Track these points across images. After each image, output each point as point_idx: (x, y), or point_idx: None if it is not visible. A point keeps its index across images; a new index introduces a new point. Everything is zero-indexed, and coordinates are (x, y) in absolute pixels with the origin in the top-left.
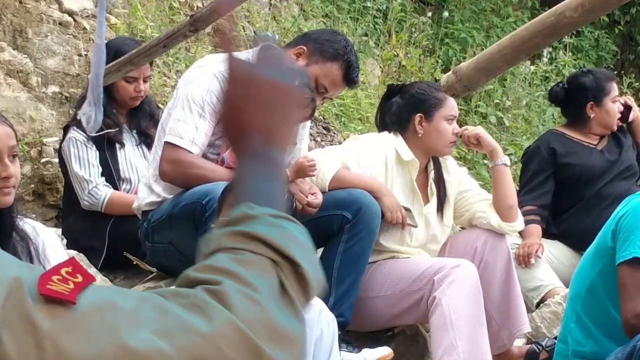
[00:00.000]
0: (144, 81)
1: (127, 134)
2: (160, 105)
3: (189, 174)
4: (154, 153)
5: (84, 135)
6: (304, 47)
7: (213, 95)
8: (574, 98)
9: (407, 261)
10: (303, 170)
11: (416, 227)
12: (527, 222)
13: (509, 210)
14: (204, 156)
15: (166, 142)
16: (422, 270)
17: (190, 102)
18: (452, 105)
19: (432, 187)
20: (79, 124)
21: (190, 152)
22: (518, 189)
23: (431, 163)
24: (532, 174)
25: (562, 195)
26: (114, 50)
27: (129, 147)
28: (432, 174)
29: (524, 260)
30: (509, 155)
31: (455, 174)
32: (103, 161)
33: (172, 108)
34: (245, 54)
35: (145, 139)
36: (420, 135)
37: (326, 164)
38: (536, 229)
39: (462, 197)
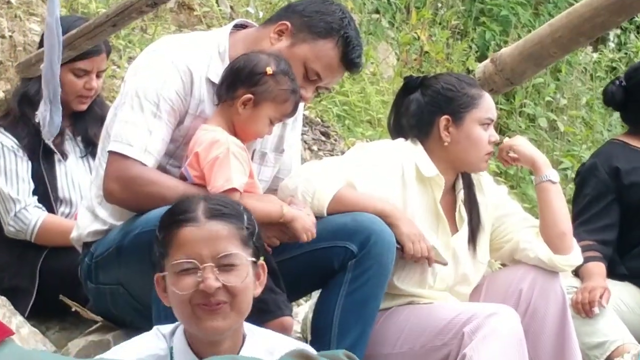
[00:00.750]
0: (98, 76)
1: (70, 143)
2: (110, 103)
3: (141, 193)
4: (97, 167)
5: (15, 141)
6: (288, 23)
7: (171, 89)
8: (636, 99)
9: (429, 308)
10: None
11: (445, 264)
12: (586, 260)
13: (561, 239)
14: (162, 169)
15: (111, 152)
16: (449, 319)
17: (142, 98)
18: (488, 105)
19: (462, 211)
20: (9, 126)
21: (143, 164)
22: (572, 217)
23: (460, 180)
24: (589, 201)
25: (630, 225)
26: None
27: (71, 159)
28: (461, 195)
29: (585, 308)
30: (564, 169)
31: (492, 195)
32: (37, 176)
33: (119, 106)
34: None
35: (94, 150)
36: (446, 144)
37: (324, 180)
38: (598, 267)
39: (502, 225)
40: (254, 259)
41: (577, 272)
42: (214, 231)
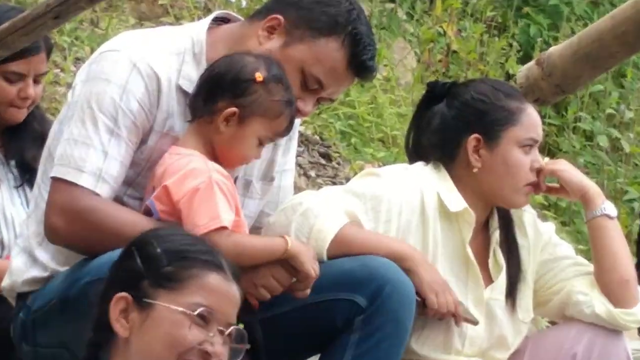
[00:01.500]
0: (36, 81)
1: (2, 169)
2: (52, 117)
3: (93, 231)
4: (37, 197)
5: None
6: (280, 17)
7: (133, 98)
8: None
9: None
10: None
11: (476, 323)
12: None
13: (623, 288)
14: (118, 200)
15: (55, 179)
16: None
17: (95, 110)
18: (532, 122)
19: (498, 256)
20: None
21: (96, 194)
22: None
23: (495, 217)
24: None
25: None
26: None
27: (3, 189)
28: (496, 235)
29: None
30: (629, 201)
31: (537, 235)
32: None
33: (65, 121)
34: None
35: (32, 177)
36: (475, 170)
37: (324, 215)
38: None
39: (549, 272)
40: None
41: None
42: (237, 296)
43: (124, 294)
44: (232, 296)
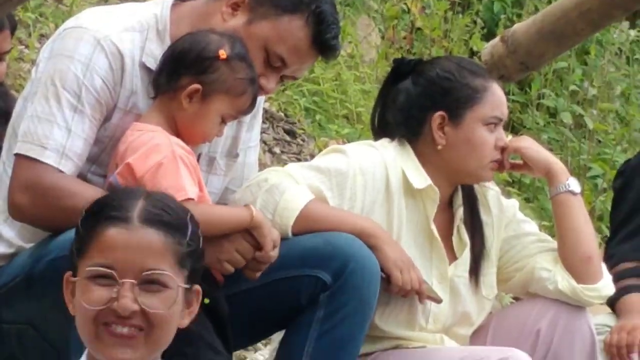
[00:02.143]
0: (0, 59)
1: None
2: (17, 94)
3: (57, 208)
4: (1, 174)
5: None
6: None
7: (96, 75)
8: None
9: (420, 354)
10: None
11: (440, 301)
12: (625, 290)
13: (586, 264)
14: (82, 177)
15: (19, 156)
16: None
17: (58, 87)
18: (497, 100)
19: (462, 233)
20: None
21: (60, 171)
22: (609, 233)
23: (459, 194)
24: (635, 209)
25: None
26: None
27: None
28: (460, 212)
29: (620, 353)
30: (593, 177)
31: (500, 211)
32: None
33: (29, 97)
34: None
35: None
36: (440, 147)
37: (288, 192)
38: (638, 302)
39: (512, 249)
40: (187, 285)
41: (613, 306)
42: (145, 240)
43: (68, 274)
44: (137, 244)
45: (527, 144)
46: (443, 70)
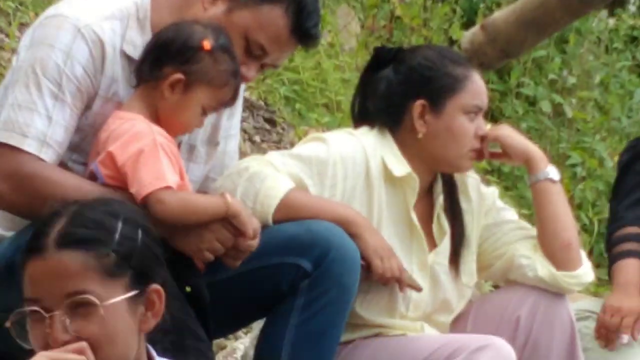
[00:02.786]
0: None
1: None
2: None
3: (38, 196)
4: None
5: None
6: None
7: (77, 64)
8: None
9: (401, 341)
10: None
11: (420, 290)
12: (625, 254)
13: (565, 251)
14: (63, 165)
15: None
16: (426, 355)
17: (39, 75)
18: (477, 89)
19: (442, 221)
20: None
21: (40, 159)
22: (612, 197)
23: (439, 182)
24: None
25: None
26: None
27: None
28: (440, 200)
29: (607, 336)
30: (572, 165)
31: (480, 200)
32: None
33: (10, 86)
34: None
35: None
36: (420, 135)
37: (269, 180)
38: (636, 269)
39: (492, 236)
40: (133, 291)
41: (610, 267)
42: (62, 265)
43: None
44: (54, 271)
45: (506, 132)
46: (424, 59)
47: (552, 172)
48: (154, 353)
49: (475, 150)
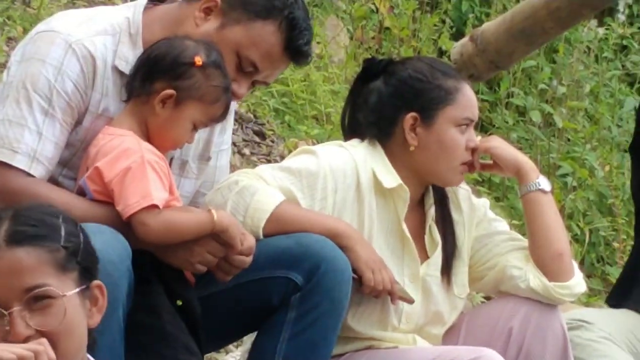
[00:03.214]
0: None
1: None
2: None
3: None
4: None
5: None
6: None
7: (68, 79)
8: None
9: (393, 354)
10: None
11: (412, 302)
12: None
13: (557, 262)
14: (52, 181)
15: None
16: None
17: (30, 90)
18: (467, 101)
19: (434, 233)
20: None
21: (30, 175)
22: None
23: (431, 194)
24: None
25: None
26: None
27: None
28: (432, 212)
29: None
30: (563, 176)
31: (472, 211)
32: None
33: (0, 101)
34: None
35: None
36: (412, 148)
37: (259, 193)
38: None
39: (483, 247)
40: (82, 286)
41: None
42: (16, 261)
43: None
44: (9, 268)
45: (496, 143)
46: (415, 71)
47: (543, 182)
48: None
49: (466, 163)
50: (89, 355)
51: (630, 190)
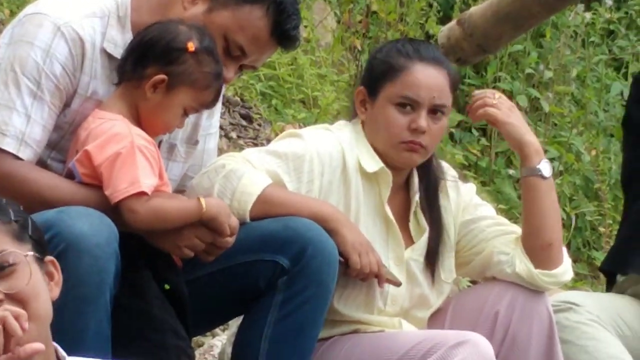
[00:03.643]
0: None
1: None
2: None
3: (15, 194)
4: None
5: None
6: None
7: (56, 62)
8: None
9: (379, 338)
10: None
11: (399, 285)
12: None
13: (546, 251)
14: (41, 164)
15: None
16: (405, 351)
17: (18, 73)
18: (412, 81)
19: (420, 218)
20: None
21: (18, 158)
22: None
23: (415, 179)
24: None
25: None
26: None
27: None
28: (416, 198)
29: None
30: (549, 160)
31: (458, 195)
32: None
33: None
34: None
35: None
36: (362, 124)
37: (246, 176)
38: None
39: (469, 232)
40: (37, 255)
41: None
42: None
43: None
44: None
45: (511, 120)
46: (379, 48)
47: (544, 167)
48: (63, 353)
49: (407, 142)
50: (55, 344)
51: (621, 167)
